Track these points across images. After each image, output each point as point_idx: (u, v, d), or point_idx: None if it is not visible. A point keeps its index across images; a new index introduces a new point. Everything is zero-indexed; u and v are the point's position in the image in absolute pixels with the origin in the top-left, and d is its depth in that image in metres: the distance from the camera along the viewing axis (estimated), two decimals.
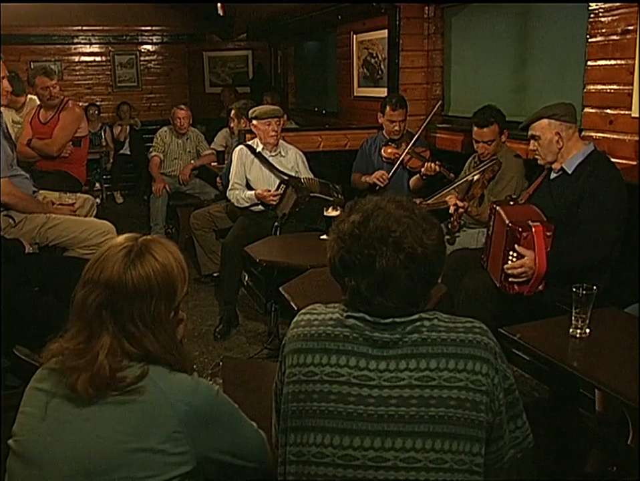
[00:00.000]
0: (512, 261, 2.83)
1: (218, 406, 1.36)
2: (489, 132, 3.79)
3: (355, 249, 1.28)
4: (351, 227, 1.30)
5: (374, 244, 1.27)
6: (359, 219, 1.30)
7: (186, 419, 1.29)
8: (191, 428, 1.30)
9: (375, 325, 1.30)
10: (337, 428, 1.26)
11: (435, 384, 1.25)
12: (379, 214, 1.30)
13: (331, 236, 1.36)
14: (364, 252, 1.27)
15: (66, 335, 1.35)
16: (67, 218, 3.40)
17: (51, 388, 1.33)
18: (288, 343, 1.38)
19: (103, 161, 8.06)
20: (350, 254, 1.29)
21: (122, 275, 1.31)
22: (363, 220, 1.30)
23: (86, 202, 3.87)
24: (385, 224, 1.28)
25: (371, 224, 1.29)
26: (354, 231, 1.29)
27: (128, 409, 1.27)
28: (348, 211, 1.36)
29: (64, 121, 4.57)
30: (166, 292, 1.34)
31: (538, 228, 2.79)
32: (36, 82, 4.52)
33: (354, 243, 1.29)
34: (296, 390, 1.31)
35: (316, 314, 1.38)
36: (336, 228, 1.35)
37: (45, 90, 4.51)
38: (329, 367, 1.30)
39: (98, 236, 3.38)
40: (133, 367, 1.30)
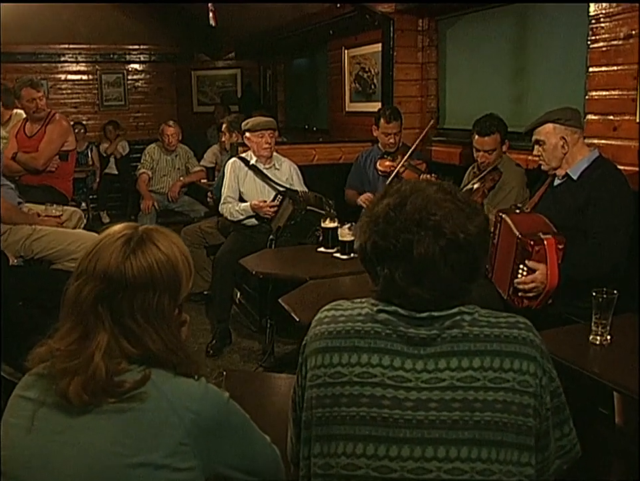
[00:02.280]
0: (522, 275, 2.72)
1: (228, 415, 1.21)
2: (490, 141, 3.70)
3: (390, 234, 1.15)
4: (386, 209, 1.18)
5: (411, 228, 1.14)
6: (394, 201, 1.18)
7: (193, 430, 1.13)
8: (199, 440, 1.14)
9: (410, 320, 1.17)
10: (371, 436, 1.12)
11: (480, 385, 1.12)
12: (418, 196, 1.17)
13: (361, 221, 1.23)
14: (400, 237, 1.14)
15: (56, 335, 1.20)
16: (54, 230, 3.26)
17: (39, 396, 1.17)
18: (310, 343, 1.24)
19: (89, 180, 7.91)
20: (384, 239, 1.16)
21: (121, 265, 1.16)
22: (399, 202, 1.17)
23: (73, 215, 3.73)
24: (424, 207, 1.15)
25: (408, 206, 1.16)
26: (389, 214, 1.17)
27: (128, 419, 1.12)
28: (381, 195, 1.23)
29: (50, 134, 4.43)
30: (169, 286, 1.20)
31: (550, 241, 2.67)
32: (22, 94, 4.38)
33: (389, 227, 1.16)
34: (321, 394, 1.17)
35: (342, 310, 1.24)
36: (368, 212, 1.23)
37: (32, 102, 4.38)
38: (359, 367, 1.15)
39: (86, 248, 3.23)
40: (133, 370, 1.15)
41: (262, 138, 4.18)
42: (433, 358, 1.14)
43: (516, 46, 4.14)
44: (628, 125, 3.19)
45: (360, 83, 5.71)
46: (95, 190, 8.02)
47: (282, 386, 1.98)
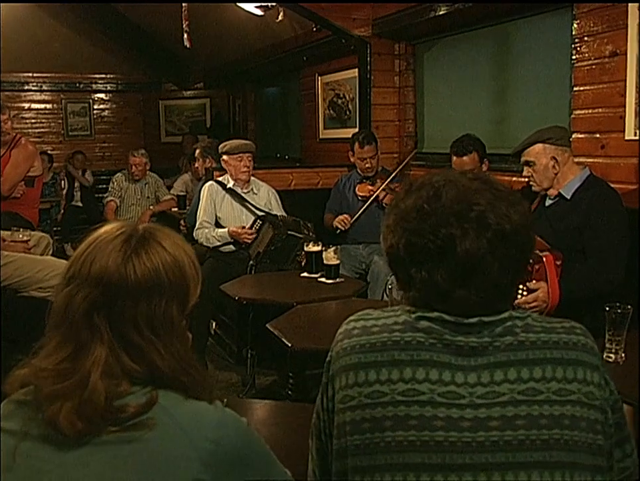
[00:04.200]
0: (522, 295, 2.62)
1: (249, 444, 1.02)
2: (468, 160, 3.64)
3: (427, 229, 1.00)
4: (419, 202, 1.02)
5: (451, 221, 0.99)
6: (427, 193, 1.03)
7: (211, 462, 0.95)
8: (218, 474, 0.95)
9: (456, 327, 1.01)
10: (424, 464, 0.95)
11: (544, 398, 0.97)
12: (452, 186, 1.03)
13: (387, 221, 1.08)
14: (439, 233, 0.99)
15: (41, 353, 1.01)
16: (21, 256, 3.04)
17: (21, 427, 0.97)
18: (337, 359, 1.06)
19: (53, 211, 7.63)
20: (420, 236, 1.01)
21: (121, 267, 0.99)
22: (433, 193, 1.02)
23: (41, 240, 3.51)
24: (463, 197, 1.01)
25: (443, 198, 1.01)
26: (423, 207, 1.02)
27: (133, 451, 0.93)
28: (405, 190, 1.08)
29: (16, 158, 4.20)
30: (177, 292, 1.03)
31: (549, 258, 2.60)
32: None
33: (424, 222, 1.01)
34: (357, 418, 0.99)
35: (373, 320, 1.08)
36: (394, 209, 1.07)
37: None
38: (402, 383, 0.99)
39: (56, 276, 3.00)
40: (136, 392, 0.97)
41: (240, 161, 4.05)
42: (487, 369, 0.99)
43: (496, 68, 4.12)
44: (616, 142, 3.16)
45: (334, 109, 5.65)
46: (59, 222, 7.75)
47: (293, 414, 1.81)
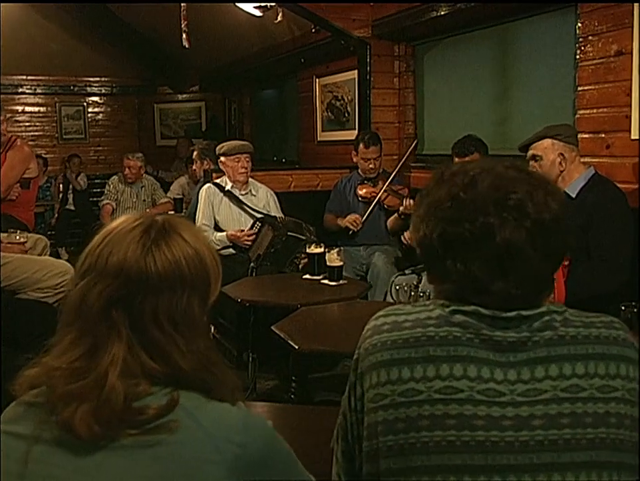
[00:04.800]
0: None
1: (275, 448, 0.97)
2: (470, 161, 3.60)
3: (463, 218, 0.95)
4: (454, 190, 0.98)
5: (489, 209, 0.94)
6: (462, 181, 0.98)
7: (237, 468, 0.89)
8: (242, 479, 0.90)
9: (494, 321, 0.96)
10: (465, 465, 0.89)
11: (587, 396, 0.92)
12: (488, 174, 0.98)
13: (418, 211, 1.03)
14: (477, 221, 0.94)
15: (53, 350, 0.95)
16: (18, 257, 2.97)
17: (32, 431, 0.91)
18: (366, 356, 1.01)
19: (47, 215, 7.57)
20: (456, 225, 0.96)
21: (141, 259, 0.93)
22: (469, 181, 0.98)
23: (38, 242, 3.45)
24: (500, 185, 0.96)
25: (480, 185, 0.97)
26: (458, 195, 0.97)
27: (154, 455, 0.87)
28: (436, 180, 1.03)
29: (11, 160, 4.12)
30: (199, 286, 0.97)
31: None
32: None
33: (460, 211, 0.96)
34: (390, 417, 0.94)
35: (404, 314, 1.02)
36: (425, 199, 1.02)
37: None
38: (439, 380, 0.93)
39: (54, 277, 2.96)
40: (156, 393, 0.91)
41: (238, 162, 4.00)
42: (527, 365, 0.94)
43: (497, 68, 4.09)
44: (621, 142, 3.13)
45: (332, 111, 5.61)
46: (53, 226, 7.67)
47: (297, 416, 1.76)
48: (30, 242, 3.34)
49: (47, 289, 2.94)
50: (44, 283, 2.93)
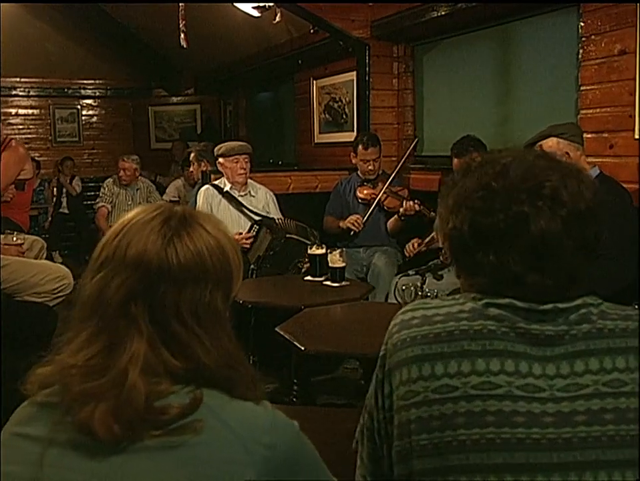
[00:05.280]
0: None
1: (302, 449, 0.92)
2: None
3: (496, 208, 0.92)
4: (484, 180, 0.94)
5: (523, 198, 0.91)
6: (493, 169, 0.95)
7: (265, 470, 0.84)
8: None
9: (530, 314, 0.92)
10: (506, 464, 0.85)
11: (629, 390, 0.88)
12: (520, 163, 0.95)
13: (445, 203, 0.99)
14: (510, 211, 0.91)
15: (68, 348, 0.89)
16: (16, 260, 2.92)
17: (47, 433, 0.85)
18: (394, 352, 0.96)
19: (41, 219, 7.49)
20: (488, 215, 0.92)
21: (162, 251, 0.88)
22: (500, 170, 0.94)
23: (35, 244, 3.40)
24: (532, 173, 0.93)
25: (511, 173, 0.93)
26: (490, 185, 0.93)
27: (179, 457, 0.82)
28: (462, 171, 1.00)
29: (6, 161, 4.04)
30: (222, 279, 0.93)
31: None
32: None
33: (492, 200, 0.92)
34: (424, 415, 0.90)
35: (434, 308, 0.98)
36: (452, 190, 0.98)
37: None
38: (475, 376, 0.89)
39: (52, 281, 2.90)
40: (178, 391, 0.86)
41: (237, 163, 3.96)
42: (566, 360, 0.90)
43: (497, 69, 4.07)
44: (625, 142, 3.11)
45: (330, 113, 5.58)
46: (47, 230, 7.59)
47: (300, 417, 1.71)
48: (27, 243, 3.28)
49: (44, 294, 2.89)
50: (41, 287, 2.87)
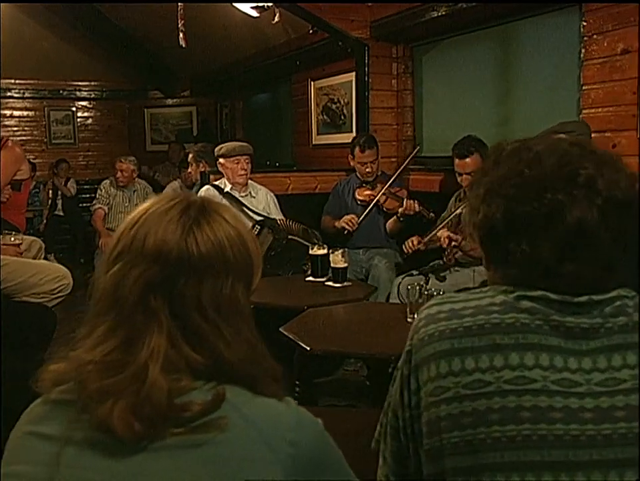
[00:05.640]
0: None
1: (326, 447, 0.88)
2: (471, 162, 3.57)
3: (530, 196, 0.89)
4: (518, 167, 0.91)
5: (558, 186, 0.88)
6: (526, 156, 0.92)
7: (291, 468, 0.81)
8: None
9: (563, 307, 0.89)
10: (543, 462, 0.82)
11: None
12: (554, 150, 0.92)
13: (476, 192, 0.96)
14: (544, 199, 0.88)
15: (84, 343, 0.86)
16: (14, 260, 2.87)
17: (63, 431, 0.82)
18: (421, 347, 0.93)
19: (36, 221, 7.43)
20: (523, 203, 0.89)
21: (182, 240, 0.85)
22: (533, 157, 0.92)
23: (33, 245, 3.35)
24: (567, 161, 0.90)
25: (545, 161, 0.90)
26: (523, 172, 0.90)
27: (203, 456, 0.79)
28: (493, 159, 0.96)
29: (3, 161, 4.02)
30: (243, 271, 0.90)
31: None
32: None
33: (526, 188, 0.90)
34: (454, 411, 0.86)
35: (461, 302, 0.95)
36: (483, 178, 0.95)
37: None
38: (508, 370, 0.86)
39: (51, 281, 2.86)
40: (200, 388, 0.83)
41: (237, 164, 3.92)
42: (602, 353, 0.87)
43: (498, 69, 4.06)
44: (628, 141, 3.10)
45: (328, 114, 5.56)
46: (42, 232, 7.52)
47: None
48: (25, 244, 3.24)
49: (42, 294, 2.85)
50: (40, 288, 2.83)
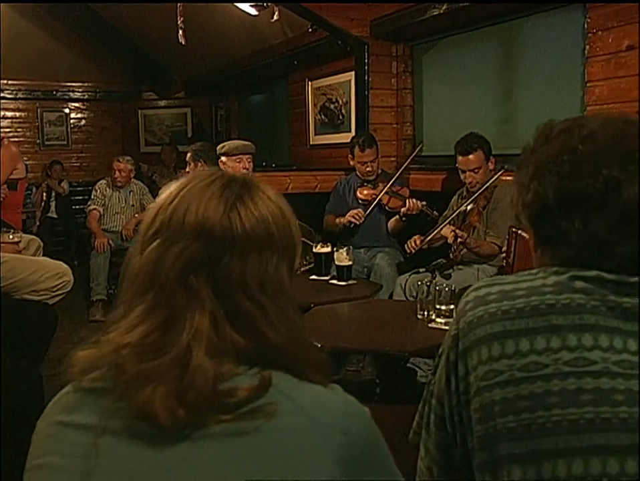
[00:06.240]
0: None
1: (375, 437, 0.82)
2: (474, 159, 3.55)
3: (585, 172, 0.86)
4: (571, 143, 0.88)
5: (614, 162, 0.85)
6: (579, 133, 0.89)
7: (343, 458, 0.75)
8: (350, 474, 0.75)
9: (619, 287, 0.85)
10: (608, 446, 0.78)
11: None
12: (607, 127, 0.90)
13: (527, 170, 0.93)
14: (600, 175, 0.85)
15: (118, 326, 0.80)
16: (14, 257, 2.81)
17: (97, 421, 0.76)
18: (469, 330, 0.89)
19: (29, 223, 7.34)
20: (577, 180, 0.86)
21: (225, 217, 0.80)
22: (587, 133, 0.89)
23: (31, 243, 3.29)
24: (621, 138, 0.88)
25: (599, 137, 0.88)
26: (577, 148, 0.87)
27: (251, 445, 0.73)
28: (543, 137, 0.93)
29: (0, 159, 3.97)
30: (287, 250, 0.85)
31: None
32: None
33: (580, 164, 0.87)
34: (509, 395, 0.82)
35: (511, 283, 0.91)
36: (533, 156, 0.92)
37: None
38: (567, 351, 0.82)
39: (51, 278, 2.80)
40: (244, 373, 0.77)
41: (239, 163, 3.89)
42: None
43: (499, 67, 4.04)
44: None
45: (326, 114, 5.53)
46: (35, 234, 7.43)
47: None
48: (23, 242, 3.18)
49: (43, 291, 2.79)
50: (40, 285, 2.77)
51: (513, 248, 2.83)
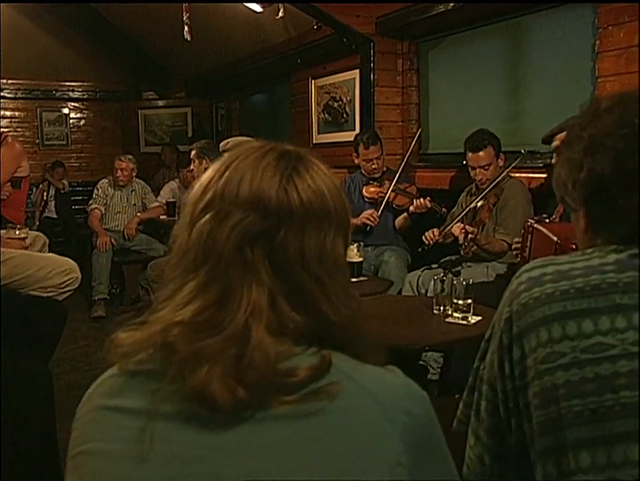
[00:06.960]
0: None
1: (434, 421, 0.78)
2: (484, 155, 3.53)
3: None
4: (625, 117, 0.87)
5: None
6: (632, 107, 0.87)
7: (408, 440, 0.72)
8: (413, 456, 0.72)
9: None
10: None
11: None
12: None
13: (578, 147, 0.90)
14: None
15: (169, 303, 0.76)
16: (21, 253, 2.78)
17: (146, 404, 0.72)
18: (525, 312, 0.86)
19: (29, 223, 7.28)
20: (635, 154, 0.84)
21: (281, 189, 0.77)
22: None
23: (37, 240, 3.26)
24: None
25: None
26: (633, 122, 0.85)
27: (314, 427, 0.70)
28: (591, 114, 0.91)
29: (3, 158, 3.93)
30: (342, 225, 0.82)
31: None
32: None
33: (638, 139, 0.84)
34: (573, 378, 0.80)
35: (567, 263, 0.88)
36: (582, 132, 0.90)
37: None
38: (633, 331, 0.80)
39: (59, 275, 2.77)
40: (302, 353, 0.74)
41: None
42: None
43: (507, 64, 4.02)
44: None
45: (330, 113, 5.50)
46: None
47: None
48: (29, 238, 3.14)
49: (50, 288, 2.76)
50: (48, 281, 2.74)
51: (529, 243, 2.81)
